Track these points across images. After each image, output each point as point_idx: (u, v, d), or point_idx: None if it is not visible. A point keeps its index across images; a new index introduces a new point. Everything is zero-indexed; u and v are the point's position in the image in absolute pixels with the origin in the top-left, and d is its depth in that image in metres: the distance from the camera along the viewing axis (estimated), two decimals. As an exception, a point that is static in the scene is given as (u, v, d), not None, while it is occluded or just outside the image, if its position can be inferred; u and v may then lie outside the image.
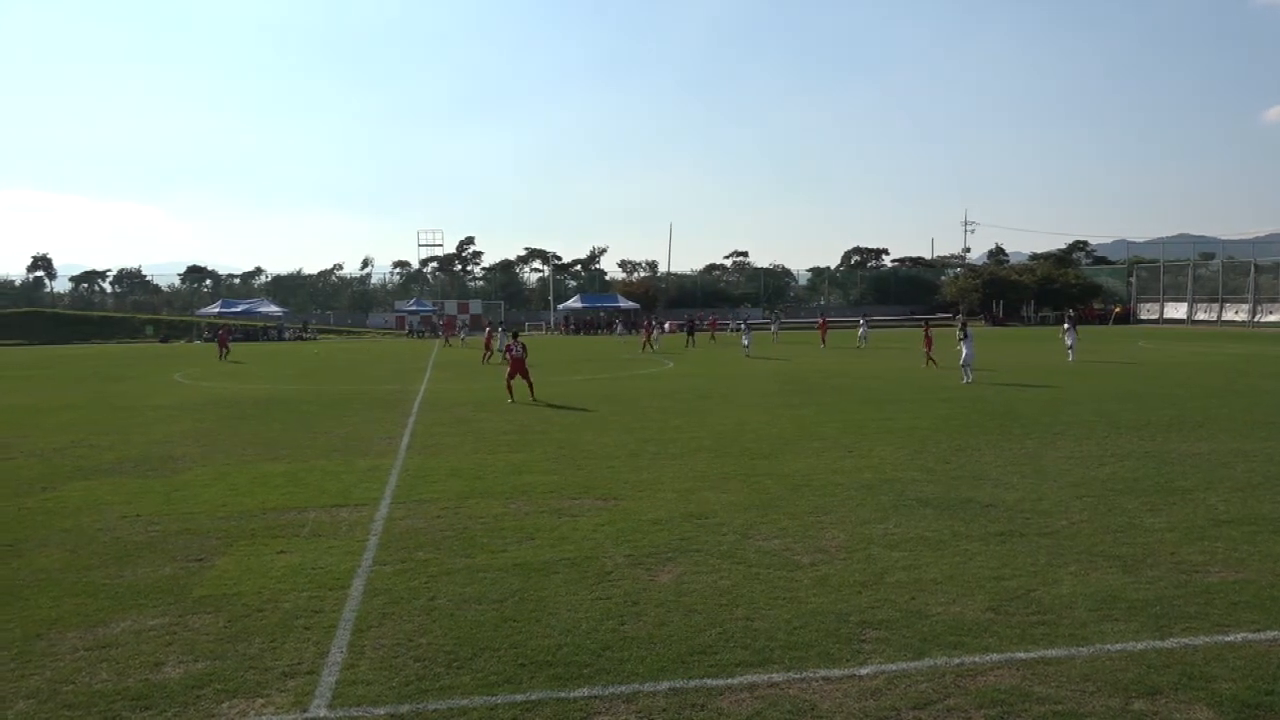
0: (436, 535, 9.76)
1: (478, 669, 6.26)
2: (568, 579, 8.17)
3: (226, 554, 9.20)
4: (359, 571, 8.51)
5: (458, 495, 11.71)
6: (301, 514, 10.88)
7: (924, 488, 11.66)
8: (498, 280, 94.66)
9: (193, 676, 6.24)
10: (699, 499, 11.24)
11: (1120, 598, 7.43)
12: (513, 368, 23.45)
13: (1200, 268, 76.95)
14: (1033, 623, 6.92)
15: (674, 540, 9.36)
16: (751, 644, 6.59)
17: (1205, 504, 10.58)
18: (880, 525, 9.83)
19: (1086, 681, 5.89)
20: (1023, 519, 10.01)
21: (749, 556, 8.75)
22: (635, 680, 6.04)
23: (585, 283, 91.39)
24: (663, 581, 8.06)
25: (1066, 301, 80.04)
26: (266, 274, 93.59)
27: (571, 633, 6.88)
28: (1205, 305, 71.93)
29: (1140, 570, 8.14)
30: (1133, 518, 9.98)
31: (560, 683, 6.02)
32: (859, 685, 5.92)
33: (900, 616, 7.10)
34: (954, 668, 6.14)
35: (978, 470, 12.76)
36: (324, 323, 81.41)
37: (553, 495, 11.63)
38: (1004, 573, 8.12)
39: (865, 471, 12.78)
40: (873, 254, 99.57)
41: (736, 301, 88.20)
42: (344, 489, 12.31)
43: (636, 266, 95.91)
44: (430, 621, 7.18)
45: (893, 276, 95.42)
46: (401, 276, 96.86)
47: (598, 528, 9.94)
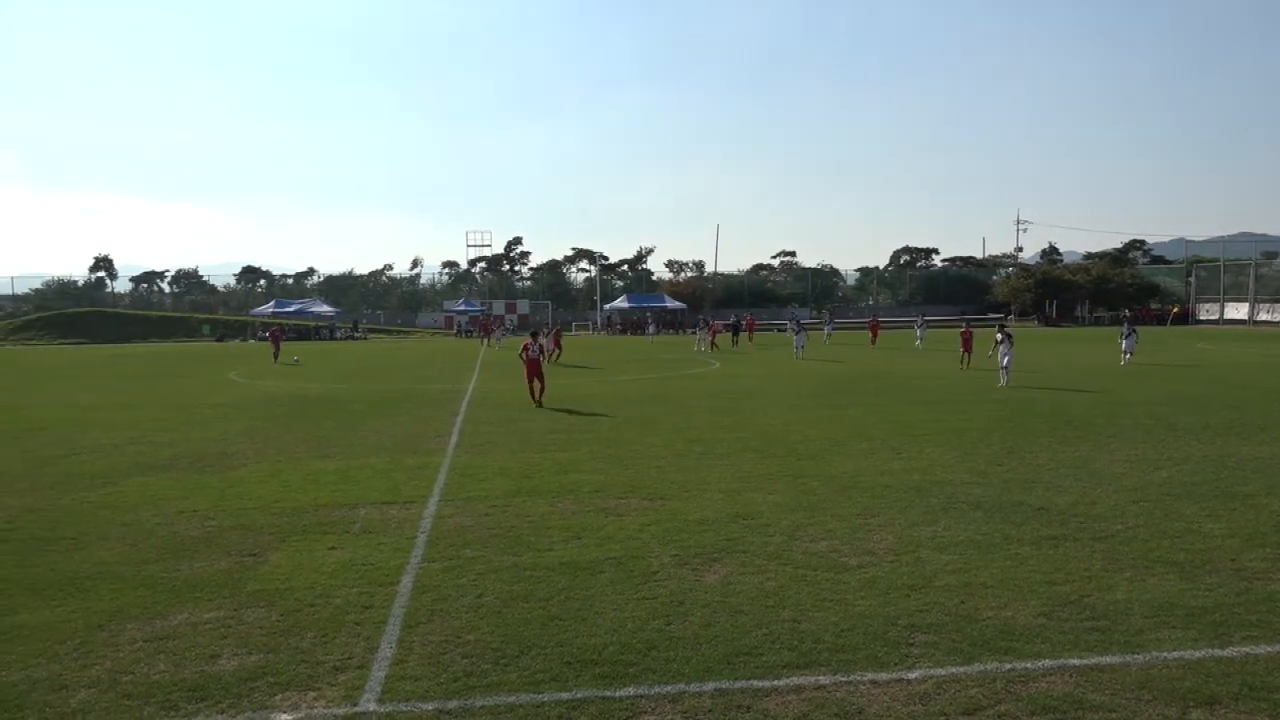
0: (484, 533, 9.84)
1: (524, 666, 6.31)
2: (614, 578, 8.19)
3: (279, 549, 9.36)
4: (408, 568, 8.62)
5: (505, 494, 11.80)
6: (352, 511, 11.04)
7: (974, 490, 11.50)
8: (545, 280, 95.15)
9: (246, 669, 6.37)
10: (745, 500, 11.20)
11: (1178, 605, 7.26)
12: (529, 370, 22.30)
13: (1263, 267, 74.87)
14: (1086, 629, 6.79)
15: (720, 541, 9.34)
16: (798, 646, 6.56)
17: (1268, 509, 10.29)
18: (929, 528, 9.72)
19: (1142, 690, 5.77)
20: (1076, 523, 9.82)
21: (795, 558, 8.70)
22: (681, 680, 6.04)
23: (632, 283, 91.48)
24: (709, 582, 8.05)
25: (1123, 301, 78.43)
26: (319, 274, 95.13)
27: (617, 632, 6.89)
28: (1268, 306, 69.94)
29: (1199, 577, 7.95)
30: (1191, 523, 9.75)
31: (606, 681, 6.04)
32: (907, 689, 5.85)
33: (950, 620, 7.01)
34: (1005, 673, 6.05)
35: (1029, 473, 12.56)
36: (374, 322, 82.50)
37: (599, 494, 11.66)
38: (1056, 577, 7.98)
39: (914, 473, 12.63)
40: (922, 253, 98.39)
41: (784, 301, 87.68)
42: (393, 486, 12.47)
43: (683, 266, 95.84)
44: (477, 619, 7.25)
45: (943, 276, 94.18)
46: (450, 277, 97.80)
47: (644, 527, 9.95)
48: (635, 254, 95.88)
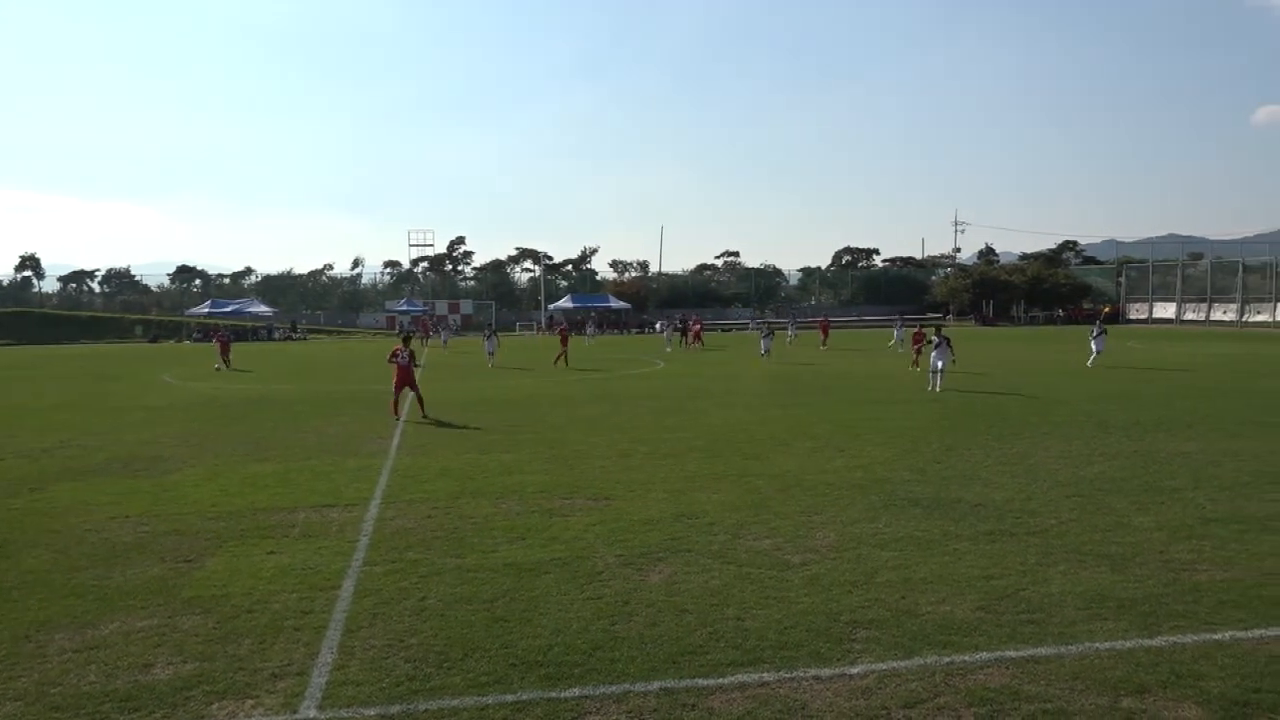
0: (427, 535, 9.74)
1: (468, 669, 6.25)
2: (559, 579, 8.16)
3: (216, 554, 9.16)
4: (349, 572, 8.49)
5: (448, 495, 11.70)
6: (291, 514, 10.84)
7: (914, 487, 11.69)
8: (489, 280, 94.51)
9: (181, 678, 6.22)
10: (690, 499, 11.25)
11: (1109, 596, 7.46)
12: (399, 378, 19.99)
13: (1189, 268, 77.32)
14: (1022, 621, 6.94)
15: (665, 540, 9.36)
16: (742, 644, 6.60)
17: (1193, 503, 10.62)
18: (871, 525, 9.85)
19: (1076, 680, 5.91)
20: (1012, 518, 10.04)
21: (740, 556, 8.76)
22: (626, 680, 6.04)
23: (576, 283, 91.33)
24: (654, 581, 8.06)
25: (1057, 301, 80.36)
26: (256, 274, 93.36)
27: (562, 633, 6.87)
28: (1194, 305, 72.26)
29: (1129, 569, 8.17)
30: (1121, 517, 10.02)
31: (551, 683, 6.02)
32: (849, 684, 5.92)
33: (890, 616, 7.11)
34: (944, 666, 6.16)
35: (968, 470, 12.80)
36: (314, 323, 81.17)
37: (544, 495, 11.62)
38: (994, 572, 8.15)
39: (856, 471, 12.80)
40: (863, 254, 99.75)
41: (727, 301, 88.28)
42: (334, 489, 12.28)
43: (628, 266, 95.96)
44: (421, 622, 7.17)
45: (883, 276, 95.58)
46: (392, 276, 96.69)
47: (589, 528, 9.94)
48: (580, 254, 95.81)
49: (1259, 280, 70.62)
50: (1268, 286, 68.51)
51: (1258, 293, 69.12)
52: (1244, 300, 68.69)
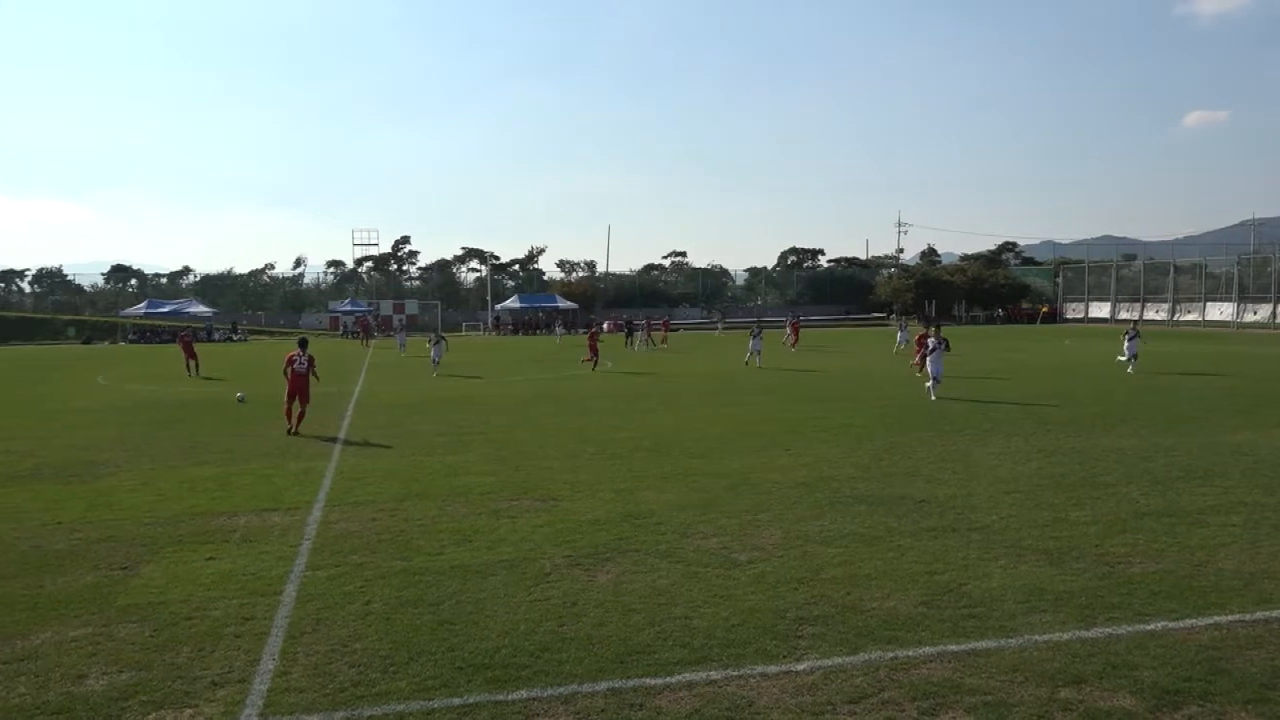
0: (371, 538, 9.61)
1: (414, 673, 6.19)
2: (506, 581, 8.11)
3: (153, 561, 8.94)
4: (291, 576, 8.35)
5: (394, 498, 11.56)
6: (231, 519, 10.63)
7: (859, 485, 11.83)
8: (434, 280, 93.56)
9: (117, 688, 6.06)
10: (638, 499, 11.26)
11: (1047, 590, 7.62)
12: (292, 386, 17.96)
13: (1123, 268, 79.36)
14: (964, 616, 7.07)
15: (613, 540, 9.36)
16: (689, 642, 6.62)
17: (1127, 498, 10.91)
18: (816, 522, 9.95)
19: (1015, 672, 6.03)
20: (954, 514, 10.21)
21: (687, 555, 8.79)
22: (573, 681, 6.02)
23: (523, 283, 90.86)
24: (601, 582, 8.05)
25: (997, 301, 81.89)
26: (195, 273, 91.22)
27: (509, 635, 6.83)
28: (1128, 305, 74.15)
29: (1066, 563, 8.36)
30: (1059, 512, 10.25)
31: (498, 685, 5.98)
32: (795, 681, 5.98)
33: (836, 612, 7.19)
34: (888, 661, 6.24)
35: (911, 467, 12.99)
36: (255, 323, 79.66)
37: (490, 496, 11.54)
38: (936, 567, 8.28)
39: (802, 470, 12.92)
40: (809, 254, 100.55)
41: (675, 301, 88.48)
42: (276, 492, 12.07)
43: (575, 267, 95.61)
44: (365, 626, 7.07)
45: (828, 277, 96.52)
46: (336, 276, 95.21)
47: (536, 529, 9.90)
48: (527, 254, 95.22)
49: (1189, 281, 72.76)
50: (1197, 287, 70.60)
51: (1188, 293, 71.20)
52: (1175, 300, 70.71)
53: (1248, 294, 65.18)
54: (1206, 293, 69.09)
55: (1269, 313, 61.95)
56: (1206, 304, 67.86)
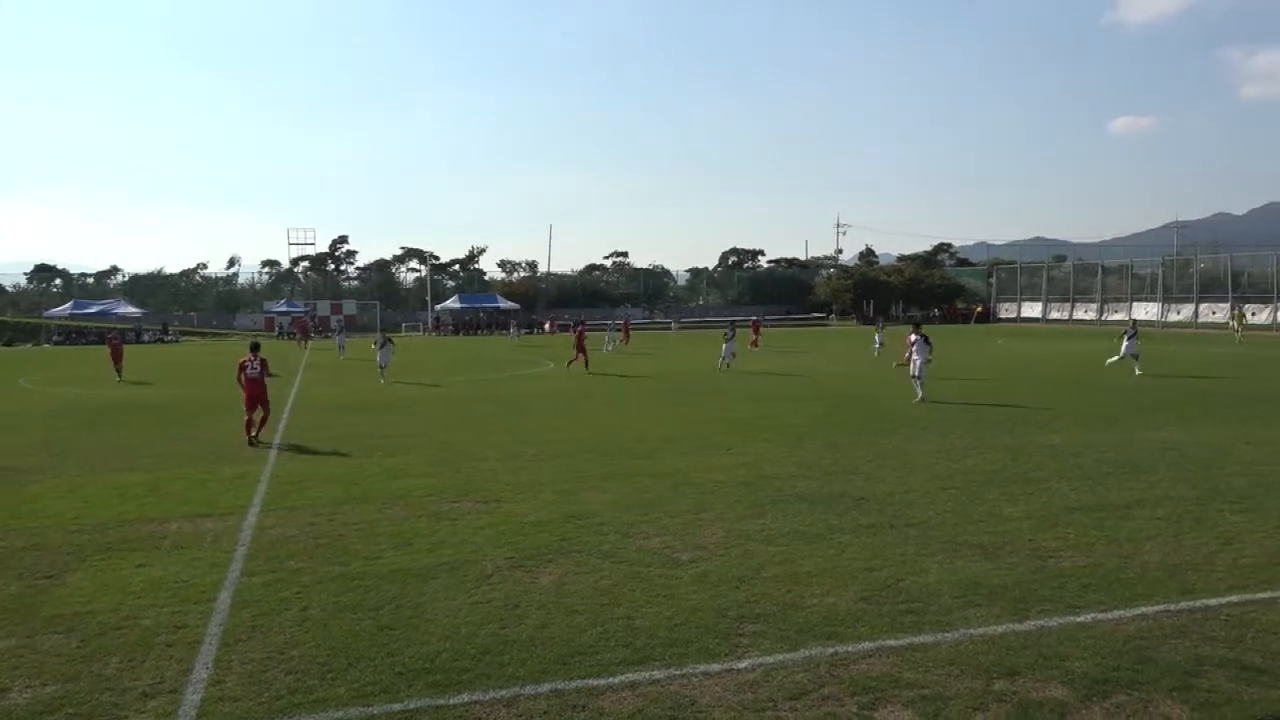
0: (309, 543, 9.45)
1: (353, 679, 6.09)
2: (446, 583, 8.04)
3: (79, 570, 8.68)
4: (225, 583, 8.17)
5: (332, 501, 11.38)
6: (163, 525, 10.36)
7: (799, 483, 11.95)
8: (373, 280, 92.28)
9: (41, 702, 5.86)
10: (580, 499, 11.23)
11: (982, 584, 7.78)
12: (248, 394, 16.86)
13: (1054, 269, 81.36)
14: (902, 611, 7.18)
15: (555, 541, 9.33)
16: (632, 642, 6.62)
17: (1059, 493, 11.19)
18: (758, 521, 10.03)
19: (951, 665, 6.15)
20: (892, 511, 10.37)
21: (630, 556, 8.79)
22: (516, 684, 5.99)
23: (464, 283, 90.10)
24: (543, 583, 8.02)
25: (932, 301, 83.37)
26: (123, 273, 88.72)
27: (450, 638, 6.77)
28: (1058, 305, 76.05)
29: (1000, 557, 8.54)
30: (993, 507, 10.47)
31: (439, 690, 5.92)
32: (737, 679, 6.02)
33: (777, 610, 7.25)
34: (828, 657, 6.32)
35: (850, 465, 13.17)
36: (187, 324, 77.77)
37: (431, 498, 11.42)
38: (875, 563, 8.40)
39: (743, 469, 13.01)
40: (749, 255, 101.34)
41: (616, 301, 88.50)
42: (209, 497, 11.79)
43: (516, 267, 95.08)
44: (302, 633, 6.95)
45: (769, 277, 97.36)
46: (271, 276, 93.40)
47: (477, 530, 9.82)
48: (467, 254, 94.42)
49: (1116, 281, 74.86)
50: (1124, 287, 72.68)
51: (1115, 293, 73.25)
52: (1103, 300, 72.73)
53: (1171, 294, 67.29)
54: (1132, 293, 71.16)
55: (1191, 312, 64.05)
56: (1133, 304, 69.83)
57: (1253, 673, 5.94)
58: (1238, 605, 7.18)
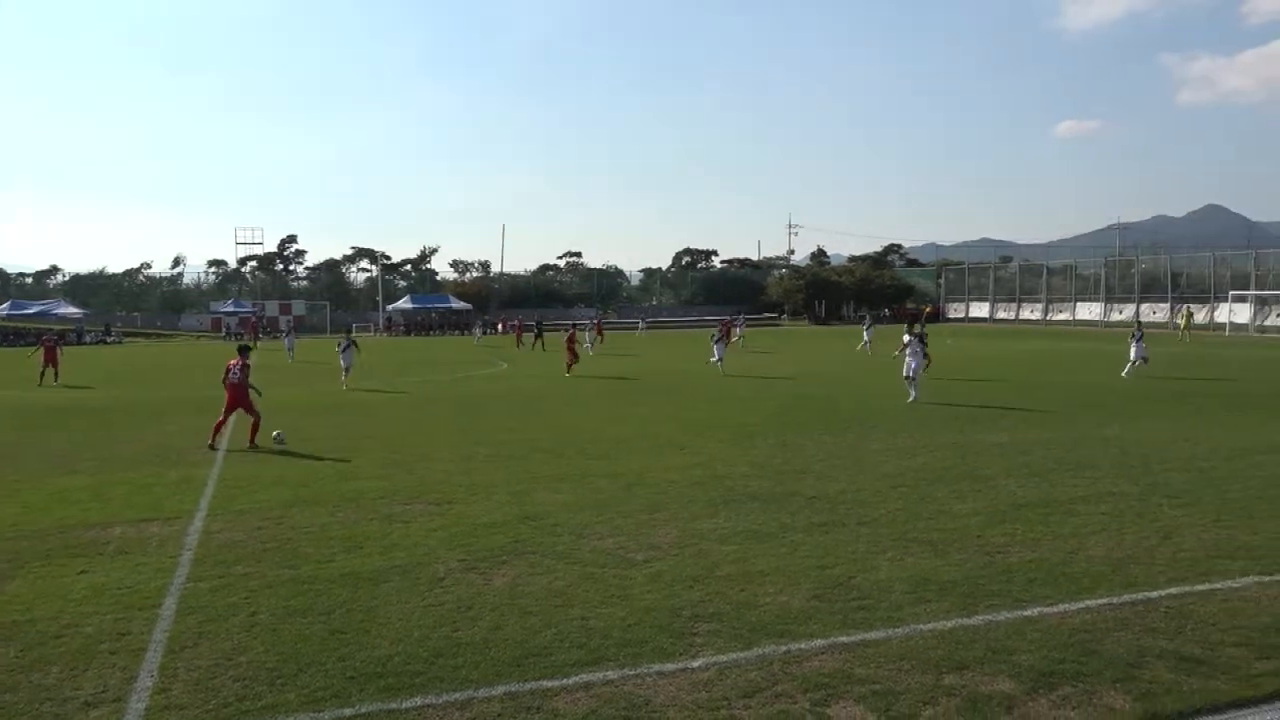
0: (258, 547, 9.30)
1: (303, 685, 6.01)
2: (399, 587, 7.96)
3: (18, 577, 8.44)
4: (171, 589, 8.00)
5: (281, 504, 11.21)
6: (105, 530, 10.12)
7: (752, 482, 12.03)
8: (323, 280, 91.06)
9: (-22, 713, 5.70)
10: (534, 500, 11.19)
11: (932, 580, 7.89)
12: (230, 398, 16.59)
13: (1000, 270, 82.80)
14: (854, 608, 7.26)
15: (508, 543, 9.28)
16: (586, 643, 6.61)
17: (1006, 490, 11.39)
18: (711, 520, 10.07)
19: (902, 661, 6.23)
20: (844, 509, 10.48)
21: (584, 556, 8.78)
22: (469, 687, 5.94)
23: (416, 283, 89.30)
24: (497, 585, 7.98)
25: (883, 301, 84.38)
26: (64, 273, 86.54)
27: (402, 642, 6.70)
28: (1005, 305, 77.44)
29: (949, 554, 8.67)
30: (942, 505, 10.63)
31: (391, 694, 5.86)
32: (691, 678, 6.03)
33: (730, 609, 7.29)
34: (781, 655, 6.36)
35: (802, 464, 13.28)
36: (130, 325, 76.10)
37: (383, 501, 11.30)
38: (827, 561, 8.48)
39: (697, 468, 13.06)
40: (703, 255, 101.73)
41: (570, 302, 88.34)
42: (154, 502, 11.55)
43: (469, 267, 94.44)
44: (251, 639, 6.83)
45: (722, 277, 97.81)
46: (218, 276, 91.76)
47: (430, 533, 9.74)
48: (419, 253, 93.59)
49: (1061, 282, 76.41)
50: (1068, 288, 74.21)
51: (1060, 293, 74.76)
52: (1048, 300, 74.19)
53: (1114, 294, 68.85)
54: (1076, 293, 72.68)
55: (1132, 312, 65.59)
56: (1077, 304, 71.38)
57: (1192, 663, 6.10)
58: (1177, 597, 7.37)
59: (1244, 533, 9.22)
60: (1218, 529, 9.39)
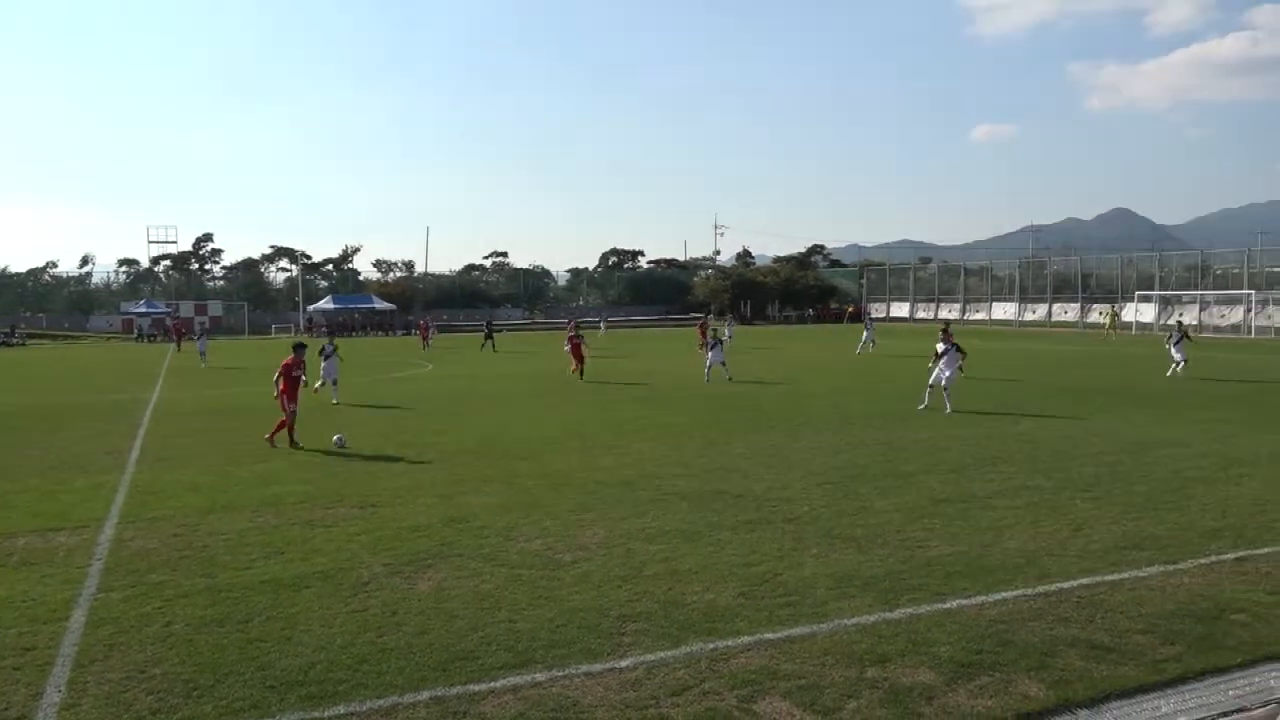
0: (172, 555, 9.01)
1: (220, 696, 5.84)
2: (321, 593, 7.79)
3: (-87, 591, 8.04)
4: (79, 600, 7.71)
5: (197, 511, 10.88)
6: (9, 540, 9.69)
7: (680, 482, 12.09)
8: (240, 280, 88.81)
9: None
10: (460, 502, 11.07)
11: (855, 575, 8.03)
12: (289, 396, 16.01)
13: (920, 271, 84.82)
14: (779, 604, 7.34)
15: (434, 546, 9.17)
16: (514, 646, 6.57)
17: (925, 486, 11.65)
18: (639, 520, 10.09)
19: (827, 655, 6.32)
20: (770, 507, 10.60)
21: (511, 558, 8.72)
22: (394, 692, 5.85)
23: (337, 283, 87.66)
24: (422, 589, 7.87)
25: (807, 301, 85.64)
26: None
27: (325, 649, 6.56)
28: (924, 304, 79.32)
29: (872, 549, 8.84)
30: (865, 501, 10.83)
31: (313, 702, 5.73)
32: (620, 678, 6.04)
33: (658, 607, 7.31)
34: (709, 653, 6.40)
35: (729, 463, 13.39)
36: (36, 326, 73.14)
37: (304, 505, 11.06)
38: (753, 559, 8.57)
39: (625, 468, 13.07)
40: (629, 255, 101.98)
41: (496, 302, 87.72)
42: (61, 510, 11.11)
43: (392, 266, 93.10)
44: (165, 650, 6.62)
45: (648, 278, 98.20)
46: (129, 276, 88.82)
47: (353, 537, 9.56)
48: (341, 253, 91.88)
49: (978, 282, 78.61)
50: (984, 288, 76.38)
51: (976, 293, 76.89)
52: (965, 300, 76.19)
53: (1028, 295, 71.05)
54: (993, 294, 74.83)
55: (1045, 312, 67.73)
56: (993, 304, 73.45)
57: (1102, 651, 6.32)
58: (1088, 587, 7.63)
59: (1150, 524, 9.60)
60: (1125, 521, 9.75)
